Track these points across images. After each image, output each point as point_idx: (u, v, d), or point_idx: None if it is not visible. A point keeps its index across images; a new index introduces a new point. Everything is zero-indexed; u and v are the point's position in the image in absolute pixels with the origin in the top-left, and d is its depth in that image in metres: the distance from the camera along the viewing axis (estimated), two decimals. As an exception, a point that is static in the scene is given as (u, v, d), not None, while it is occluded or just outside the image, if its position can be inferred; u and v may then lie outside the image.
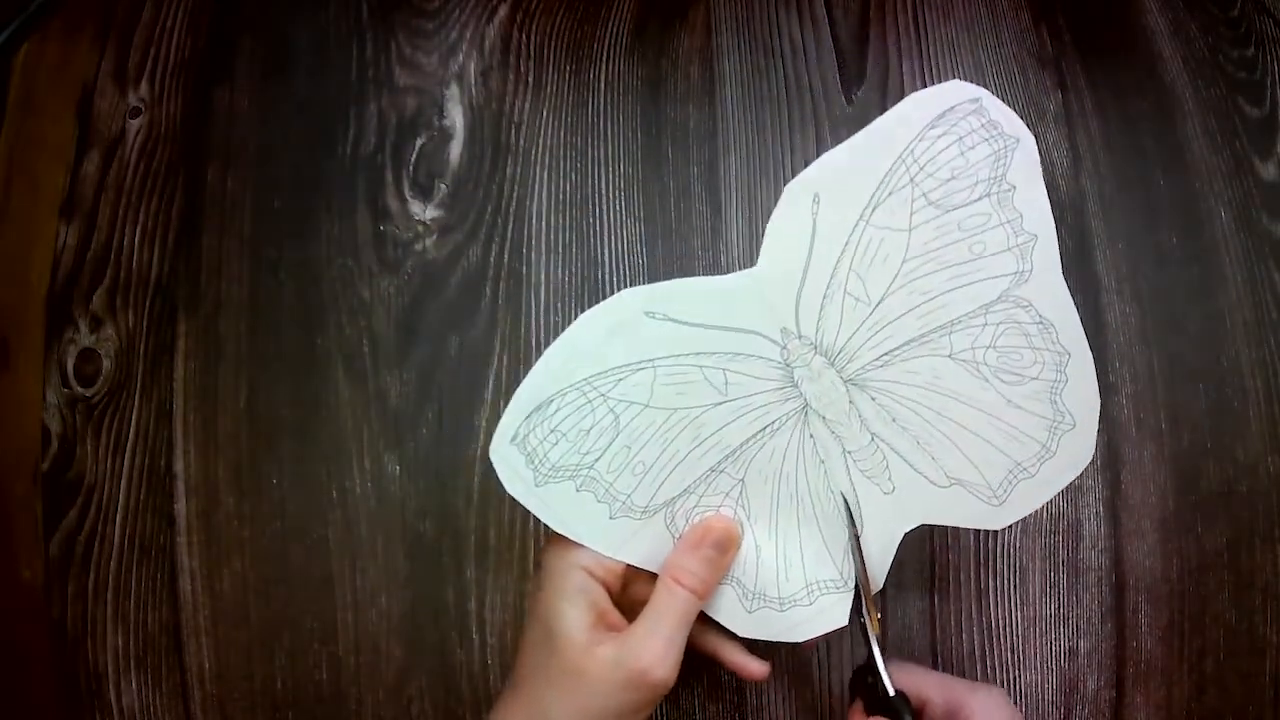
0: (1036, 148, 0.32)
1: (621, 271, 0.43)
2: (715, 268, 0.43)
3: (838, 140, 0.44)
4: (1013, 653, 0.40)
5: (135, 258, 0.44)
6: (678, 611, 0.33)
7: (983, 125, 0.32)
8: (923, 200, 0.33)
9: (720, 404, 0.34)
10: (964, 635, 0.40)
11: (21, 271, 0.43)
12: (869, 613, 0.34)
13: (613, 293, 0.43)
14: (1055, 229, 0.32)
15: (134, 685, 0.40)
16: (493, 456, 0.33)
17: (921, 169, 0.33)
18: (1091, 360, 0.33)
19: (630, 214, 0.44)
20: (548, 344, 0.42)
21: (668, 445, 0.34)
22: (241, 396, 0.42)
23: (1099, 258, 0.43)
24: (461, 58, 0.46)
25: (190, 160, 0.45)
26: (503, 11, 0.47)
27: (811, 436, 0.35)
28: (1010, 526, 0.40)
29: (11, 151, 0.45)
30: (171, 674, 0.40)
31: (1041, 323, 0.33)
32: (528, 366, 0.42)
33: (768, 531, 0.35)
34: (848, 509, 0.35)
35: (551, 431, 0.33)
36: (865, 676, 0.34)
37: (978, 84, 0.46)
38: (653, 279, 0.43)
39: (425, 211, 0.44)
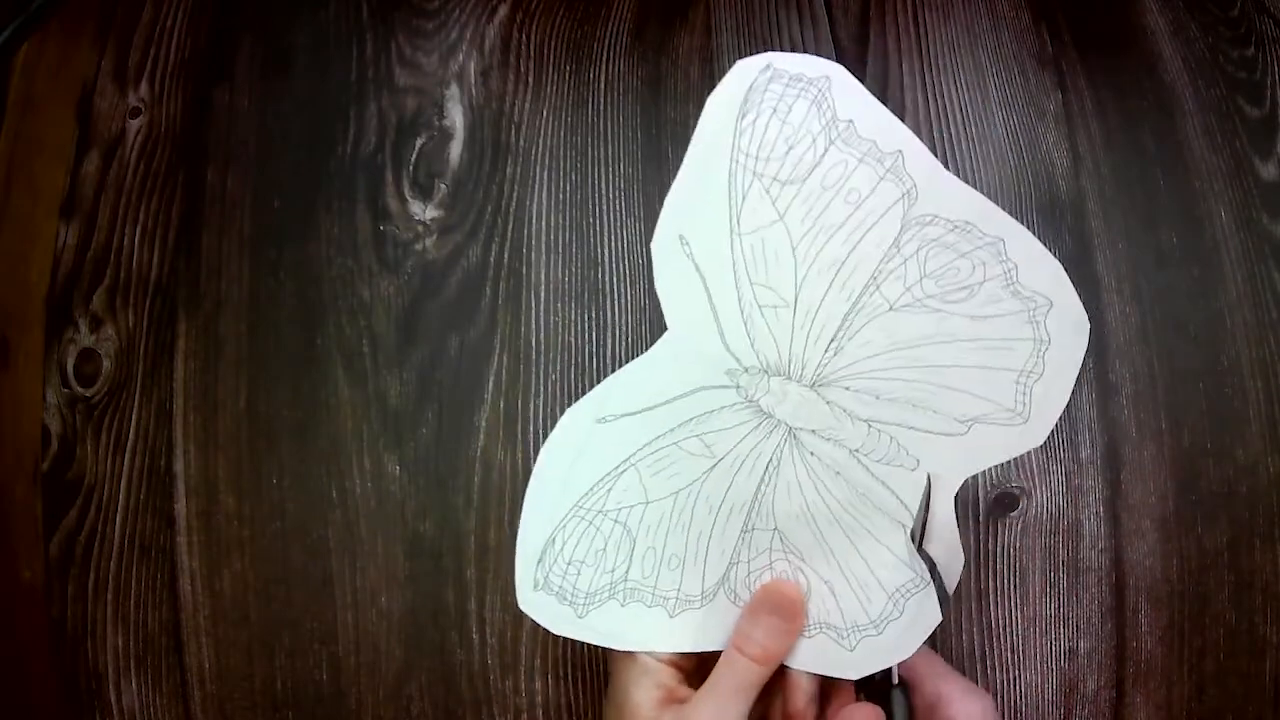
0: (849, 73, 0.31)
1: (621, 271, 0.43)
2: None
3: (838, 140, 0.45)
4: (1013, 653, 0.40)
5: (135, 258, 0.44)
6: (733, 680, 0.32)
7: (785, 85, 0.31)
8: (775, 184, 0.32)
9: (713, 468, 0.34)
10: (964, 635, 0.40)
11: (21, 271, 0.43)
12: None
13: (613, 292, 0.43)
14: (916, 136, 0.31)
15: (134, 685, 0.40)
16: (525, 609, 0.33)
17: (757, 158, 0.31)
18: (1028, 233, 0.31)
19: (630, 214, 0.44)
20: (548, 344, 0.42)
21: (688, 528, 0.34)
22: (241, 396, 0.42)
23: (1099, 258, 0.43)
24: (461, 58, 0.46)
25: (190, 160, 0.45)
26: (503, 11, 0.47)
27: (813, 454, 0.34)
28: (1010, 526, 0.40)
29: (11, 151, 0.45)
30: (171, 674, 0.40)
31: (956, 226, 0.31)
32: (528, 366, 0.42)
33: (829, 565, 0.33)
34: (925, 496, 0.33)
35: (569, 564, 0.33)
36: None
37: (978, 84, 0.46)
38: (653, 279, 0.43)
39: (425, 211, 0.44)
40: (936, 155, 0.45)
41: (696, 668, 0.34)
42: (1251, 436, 0.41)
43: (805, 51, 0.46)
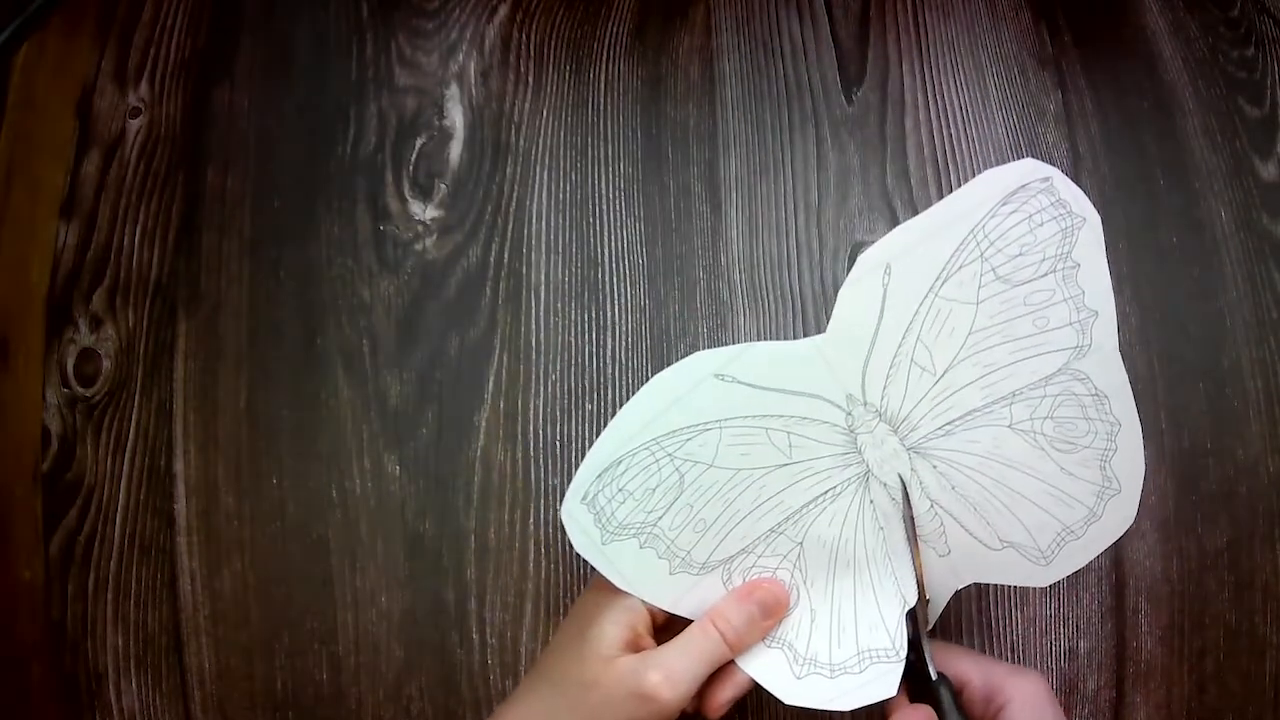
0: (1102, 227, 0.33)
1: (621, 271, 0.43)
2: (715, 267, 0.43)
3: (837, 139, 0.45)
4: (1013, 653, 0.40)
5: (135, 258, 0.44)
6: (704, 648, 0.33)
7: (1052, 204, 0.33)
8: (991, 275, 0.34)
9: (783, 466, 0.35)
10: (964, 635, 0.40)
11: (21, 271, 0.43)
12: (920, 594, 0.35)
13: (613, 292, 0.43)
14: (1111, 299, 0.33)
15: (134, 685, 0.40)
16: (563, 516, 0.34)
17: (992, 244, 0.33)
18: (1140, 430, 0.34)
19: (630, 214, 0.44)
20: (548, 344, 0.42)
21: (730, 504, 0.35)
22: (241, 396, 0.42)
23: (1099, 258, 0.43)
24: (461, 58, 0.46)
25: (190, 160, 0.45)
26: (503, 11, 0.47)
27: (872, 502, 0.35)
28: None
29: (11, 151, 0.45)
30: (171, 674, 0.40)
31: (1096, 394, 0.34)
32: (528, 366, 0.42)
33: (823, 596, 0.36)
34: (904, 492, 0.35)
35: (619, 491, 0.34)
36: (906, 657, 0.34)
37: (978, 84, 0.46)
38: (653, 279, 0.43)
39: (425, 211, 0.44)
40: (936, 155, 0.45)
41: (664, 626, 0.35)
42: (1251, 436, 0.41)
43: (805, 51, 0.46)
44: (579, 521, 0.34)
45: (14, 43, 0.45)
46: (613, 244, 0.44)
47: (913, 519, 0.35)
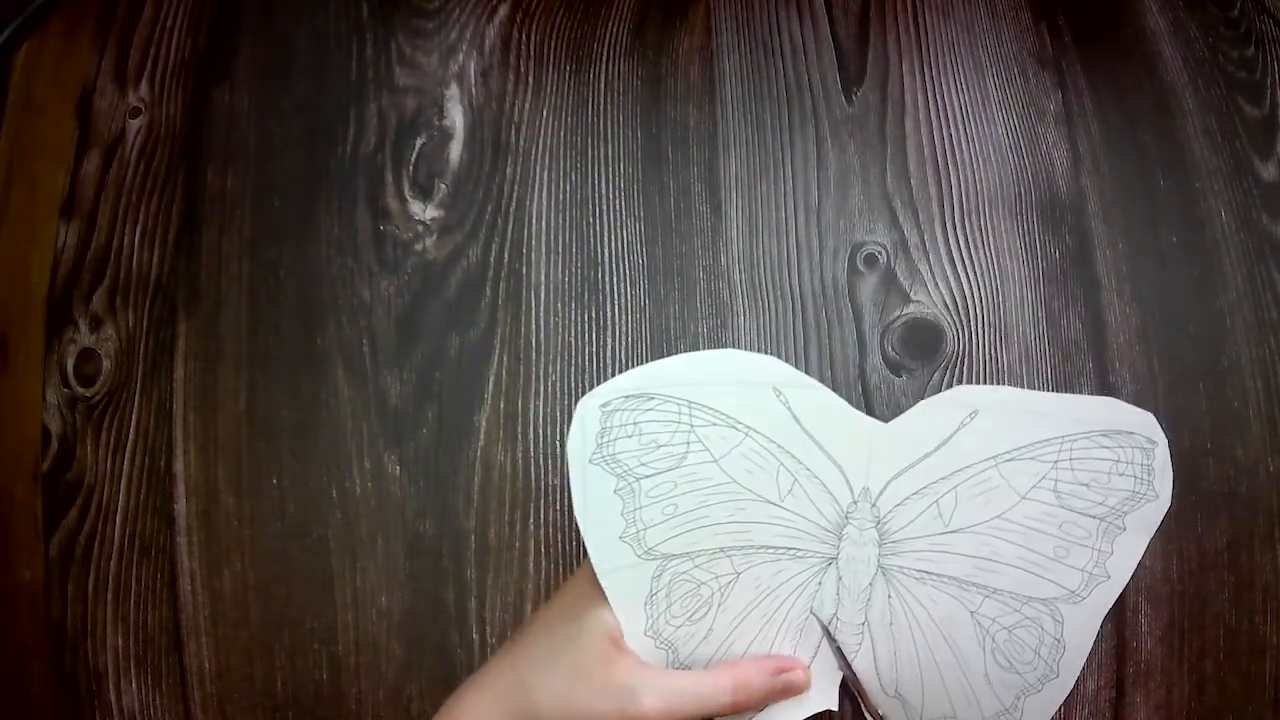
0: (1166, 511, 0.34)
1: (621, 271, 0.43)
2: (715, 267, 0.43)
3: (837, 139, 0.45)
4: (1013, 653, 0.40)
5: (135, 258, 0.44)
6: (712, 702, 0.33)
7: (1142, 465, 0.35)
8: (1051, 484, 0.35)
9: (770, 504, 0.35)
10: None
11: (21, 271, 0.43)
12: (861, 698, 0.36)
13: (612, 292, 0.43)
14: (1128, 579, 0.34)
15: (134, 685, 0.40)
16: (579, 409, 0.34)
17: (1070, 461, 0.34)
18: (1068, 691, 0.35)
19: (630, 214, 0.44)
20: (548, 344, 0.42)
21: (705, 506, 0.35)
22: (241, 396, 0.42)
23: (1099, 258, 0.43)
24: (461, 58, 0.46)
25: (190, 160, 0.45)
26: (503, 11, 0.47)
27: (819, 584, 0.36)
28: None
29: (11, 151, 0.45)
30: (171, 674, 0.40)
31: (1059, 641, 0.35)
32: (528, 366, 0.42)
33: (725, 627, 0.36)
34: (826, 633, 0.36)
35: (634, 425, 0.34)
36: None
37: (978, 84, 0.46)
38: (652, 279, 0.43)
39: (425, 211, 0.44)
40: (936, 155, 0.45)
41: None
42: (1251, 436, 0.41)
43: (805, 51, 0.46)
44: (586, 423, 0.34)
45: (14, 43, 0.45)
46: (613, 244, 0.44)
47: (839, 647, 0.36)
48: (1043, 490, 0.35)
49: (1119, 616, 0.40)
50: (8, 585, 0.41)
